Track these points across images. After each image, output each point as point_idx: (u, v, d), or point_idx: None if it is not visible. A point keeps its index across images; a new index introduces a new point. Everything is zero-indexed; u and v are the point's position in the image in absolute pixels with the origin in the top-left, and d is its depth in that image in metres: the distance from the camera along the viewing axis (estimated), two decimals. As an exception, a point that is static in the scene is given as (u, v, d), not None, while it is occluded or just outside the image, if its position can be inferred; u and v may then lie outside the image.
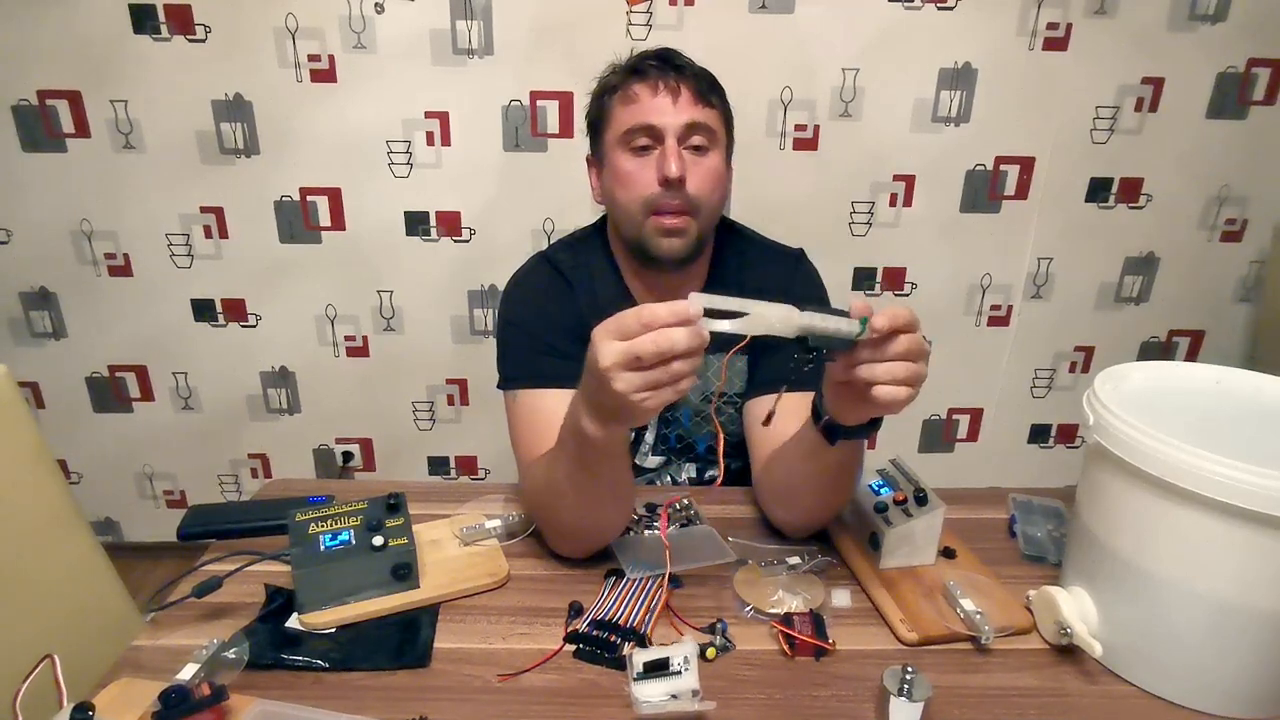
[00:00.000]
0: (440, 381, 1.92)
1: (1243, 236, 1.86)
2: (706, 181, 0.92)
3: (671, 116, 0.90)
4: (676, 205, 0.91)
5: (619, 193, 0.94)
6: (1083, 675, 0.71)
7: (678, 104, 0.91)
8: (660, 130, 0.90)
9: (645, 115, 0.91)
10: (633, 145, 0.92)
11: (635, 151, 0.92)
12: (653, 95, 0.91)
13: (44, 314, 1.83)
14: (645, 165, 0.92)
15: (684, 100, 0.91)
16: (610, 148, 0.94)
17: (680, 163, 0.89)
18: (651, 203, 0.91)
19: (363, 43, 1.64)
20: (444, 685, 0.69)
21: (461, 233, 1.79)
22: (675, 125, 0.90)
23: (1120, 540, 0.69)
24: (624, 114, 0.92)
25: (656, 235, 0.92)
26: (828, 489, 0.83)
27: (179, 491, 2.01)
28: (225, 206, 1.75)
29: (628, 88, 0.92)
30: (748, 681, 0.69)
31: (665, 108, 0.91)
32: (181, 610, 0.76)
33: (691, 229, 0.93)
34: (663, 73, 0.92)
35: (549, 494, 0.81)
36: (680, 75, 0.92)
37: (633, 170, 0.92)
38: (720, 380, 1.03)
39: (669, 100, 0.91)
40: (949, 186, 1.79)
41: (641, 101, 0.91)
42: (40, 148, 1.68)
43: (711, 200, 0.94)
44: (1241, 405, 0.75)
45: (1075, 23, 1.67)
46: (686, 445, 1.08)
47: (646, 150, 0.92)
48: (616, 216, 0.98)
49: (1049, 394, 2.00)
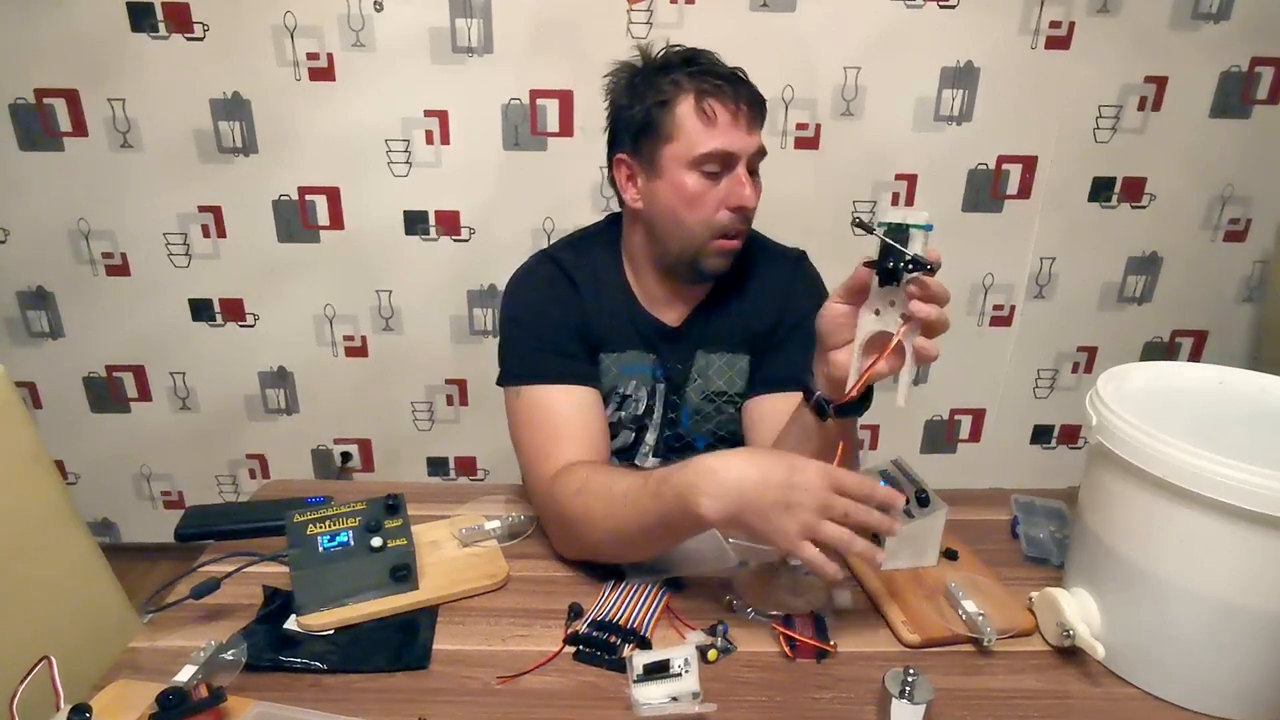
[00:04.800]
0: (439, 382, 1.92)
1: (1246, 236, 1.86)
2: (757, 203, 0.94)
3: (747, 144, 0.91)
4: (742, 230, 0.93)
5: (684, 212, 0.92)
6: (1085, 677, 0.71)
7: (751, 131, 0.91)
8: (737, 158, 0.91)
9: (726, 142, 0.89)
10: (705, 168, 0.91)
11: (705, 174, 0.91)
12: (732, 121, 0.90)
13: (41, 313, 1.82)
14: (714, 187, 0.91)
15: (755, 127, 0.92)
16: (676, 164, 0.91)
17: (755, 192, 0.92)
18: (720, 228, 0.92)
19: (361, 41, 1.63)
20: (443, 687, 0.68)
21: (461, 232, 1.79)
22: (749, 153, 0.91)
23: (1123, 542, 0.68)
24: (701, 135, 0.90)
25: (715, 255, 0.94)
26: None
27: (177, 492, 2.00)
28: (223, 206, 1.75)
29: (703, 103, 0.90)
30: (748, 683, 0.69)
31: (743, 135, 0.90)
32: (179, 611, 0.76)
33: (739, 250, 0.95)
34: (739, 96, 0.91)
35: (603, 521, 0.79)
36: (752, 101, 0.92)
37: (702, 192, 0.91)
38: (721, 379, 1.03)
39: (745, 128, 0.91)
40: (951, 186, 1.79)
41: (719, 126, 0.89)
42: (37, 146, 1.68)
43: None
44: (1245, 406, 0.75)
45: (1078, 21, 1.66)
46: (686, 445, 1.07)
47: (716, 174, 0.91)
48: (669, 230, 0.95)
49: (1051, 394, 1.99)
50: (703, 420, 1.05)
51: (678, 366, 1.03)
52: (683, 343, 1.02)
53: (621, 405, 1.02)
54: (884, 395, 1.07)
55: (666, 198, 0.93)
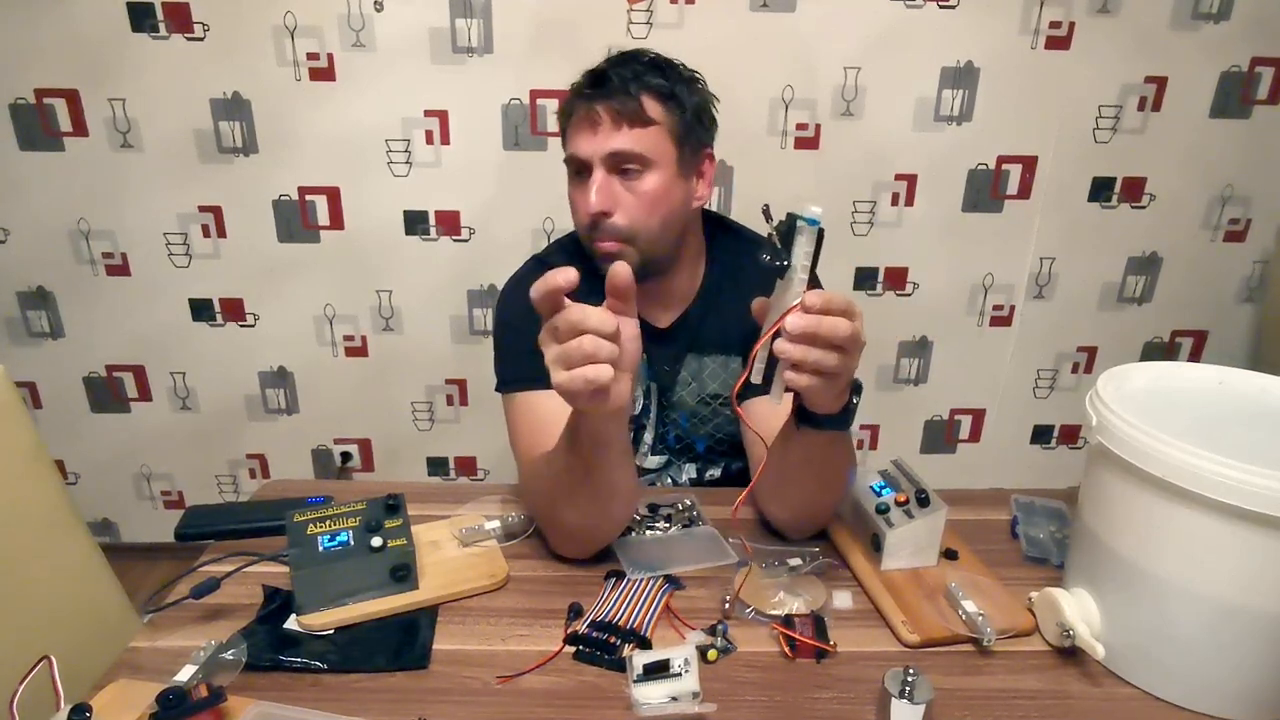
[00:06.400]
0: (439, 382, 1.92)
1: (1246, 236, 1.86)
2: (638, 209, 0.91)
3: (594, 146, 0.90)
4: (606, 236, 0.92)
5: (571, 217, 0.97)
6: (1085, 677, 0.71)
7: (599, 133, 0.90)
8: (585, 163, 0.91)
9: (574, 145, 0.92)
10: (574, 173, 0.94)
11: (574, 179, 0.94)
12: (581, 125, 0.91)
13: (41, 313, 1.82)
14: (583, 194, 0.92)
15: (605, 129, 0.89)
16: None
17: (602, 196, 0.90)
18: (589, 231, 0.93)
19: (362, 41, 1.63)
20: (443, 687, 0.68)
21: (461, 232, 1.79)
22: (599, 155, 0.90)
23: (1123, 541, 0.68)
24: (568, 140, 0.94)
25: (600, 259, 0.93)
26: (813, 484, 0.83)
27: (177, 492, 2.00)
28: (223, 205, 1.75)
29: (573, 111, 0.93)
30: (748, 683, 0.69)
31: (588, 139, 0.90)
32: (179, 611, 0.76)
33: (630, 254, 0.92)
34: (591, 100, 0.90)
35: (552, 489, 0.81)
36: (608, 100, 0.89)
37: (575, 198, 0.95)
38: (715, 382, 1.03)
39: (590, 131, 0.90)
40: (951, 186, 1.79)
41: (574, 129, 0.92)
42: (38, 146, 1.68)
43: (650, 224, 0.92)
44: (1245, 406, 0.75)
45: (1078, 21, 1.66)
46: (686, 445, 1.07)
47: (582, 176, 0.93)
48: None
49: (1051, 394, 1.99)
50: (700, 423, 1.05)
51: (665, 369, 1.03)
52: (671, 344, 1.02)
53: None
54: (886, 396, 1.07)
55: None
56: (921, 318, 1.89)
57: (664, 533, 0.89)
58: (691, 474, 1.09)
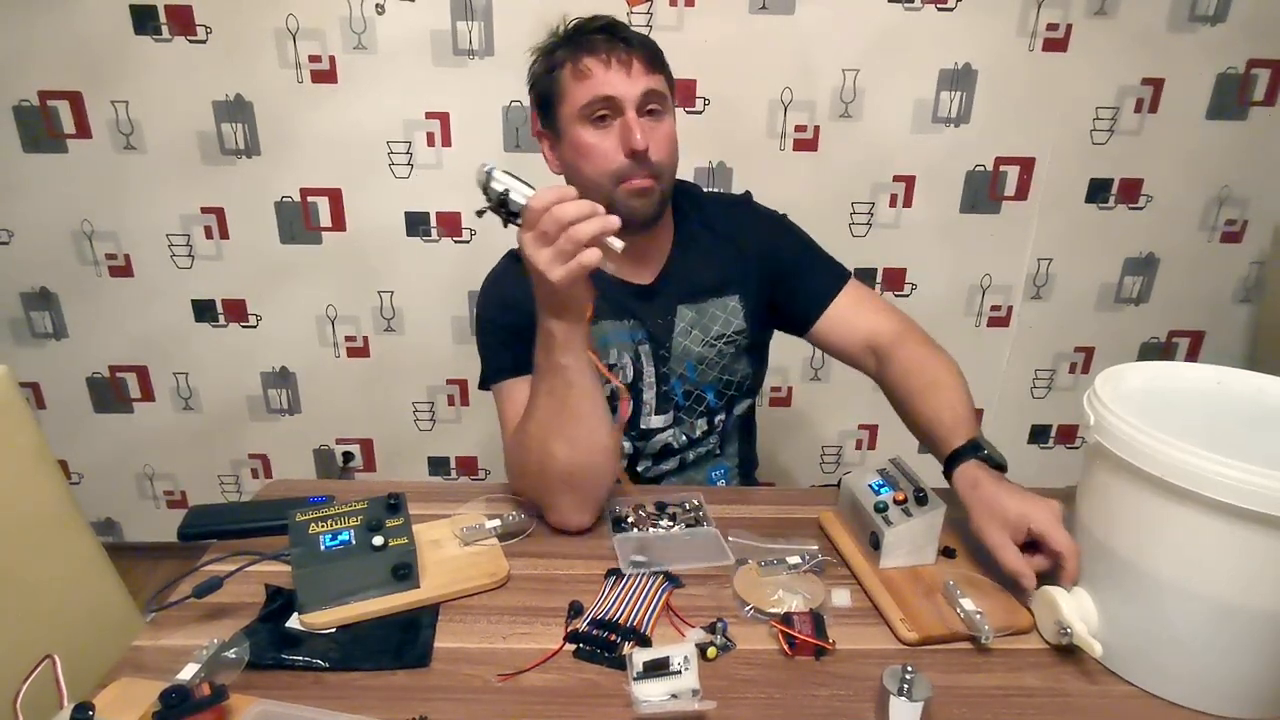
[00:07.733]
0: (440, 382, 1.92)
1: (1243, 237, 1.86)
2: (665, 146, 0.96)
3: (629, 87, 0.92)
4: (644, 173, 0.94)
5: (584, 166, 0.96)
6: (1083, 675, 0.71)
7: (632, 75, 0.93)
8: (620, 101, 0.92)
9: (602, 88, 0.92)
10: (593, 118, 0.94)
11: (595, 124, 0.94)
12: (606, 69, 0.93)
13: (45, 314, 1.83)
14: (607, 137, 0.93)
15: (637, 70, 0.93)
16: (568, 122, 0.96)
17: (645, 134, 0.92)
18: (619, 174, 0.94)
19: (363, 43, 1.64)
20: (444, 685, 0.69)
21: (462, 233, 1.79)
22: (633, 95, 0.92)
23: (1120, 540, 0.69)
24: (579, 89, 0.94)
25: (627, 198, 0.94)
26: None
27: (179, 492, 2.01)
28: (226, 207, 1.75)
29: (578, 62, 0.94)
30: (748, 681, 0.69)
31: (621, 79, 0.92)
32: (182, 610, 0.76)
33: (656, 191, 0.96)
34: (612, 45, 0.93)
35: (538, 431, 0.85)
36: (629, 46, 0.94)
37: (595, 143, 0.94)
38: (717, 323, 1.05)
39: (623, 72, 0.92)
40: (949, 187, 1.79)
41: (595, 75, 0.93)
42: (41, 148, 1.69)
43: (671, 163, 0.98)
44: (1242, 405, 0.75)
45: (1075, 23, 1.67)
46: (696, 397, 1.07)
47: (605, 120, 0.93)
48: (582, 187, 0.95)
49: (1049, 395, 2.00)
50: (708, 368, 1.06)
51: (658, 321, 1.04)
52: (660, 298, 1.04)
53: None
54: (884, 396, 1.07)
55: (570, 156, 0.97)
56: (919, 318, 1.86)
57: (666, 530, 0.90)
58: (704, 427, 1.09)
